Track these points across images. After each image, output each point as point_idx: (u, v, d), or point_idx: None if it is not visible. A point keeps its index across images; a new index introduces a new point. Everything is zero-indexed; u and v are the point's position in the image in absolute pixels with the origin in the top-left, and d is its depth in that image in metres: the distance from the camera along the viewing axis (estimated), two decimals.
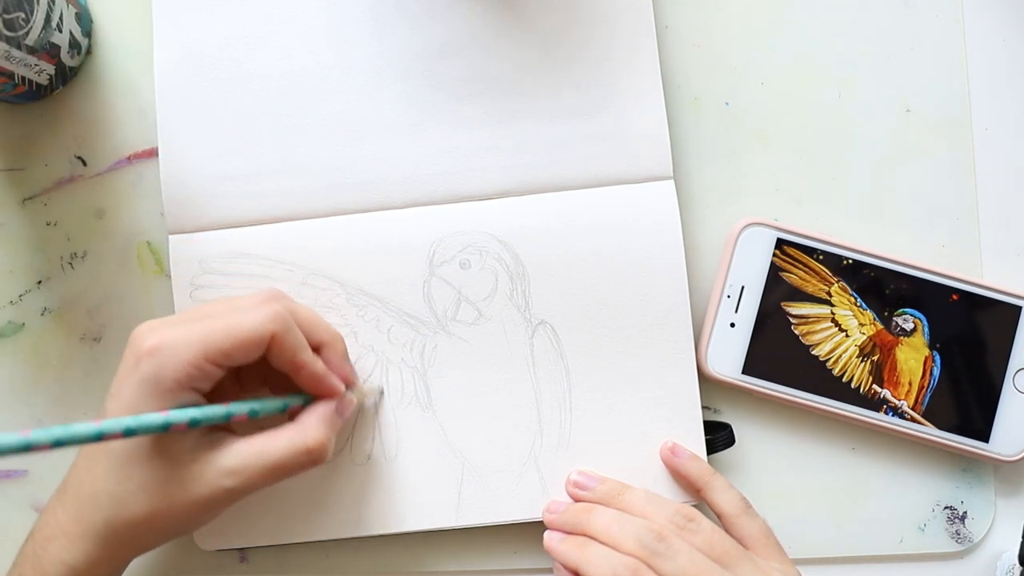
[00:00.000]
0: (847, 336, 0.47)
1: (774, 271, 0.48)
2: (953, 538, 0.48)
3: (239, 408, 0.40)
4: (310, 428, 0.41)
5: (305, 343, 0.41)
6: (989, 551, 0.48)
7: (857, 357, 0.47)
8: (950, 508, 0.48)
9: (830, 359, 0.47)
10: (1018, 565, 0.46)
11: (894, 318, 0.48)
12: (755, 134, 0.50)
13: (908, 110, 0.50)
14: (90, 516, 0.39)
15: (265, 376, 0.43)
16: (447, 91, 0.48)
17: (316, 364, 0.42)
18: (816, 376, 0.47)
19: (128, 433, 0.36)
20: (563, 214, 0.48)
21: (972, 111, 0.50)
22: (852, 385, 0.47)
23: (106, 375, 0.49)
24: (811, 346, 0.47)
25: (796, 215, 0.49)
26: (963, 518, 0.48)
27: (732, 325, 0.48)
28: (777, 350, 0.47)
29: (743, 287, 0.48)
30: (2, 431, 0.33)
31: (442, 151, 0.48)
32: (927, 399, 0.47)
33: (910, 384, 0.47)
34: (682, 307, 0.47)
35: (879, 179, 0.49)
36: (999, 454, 0.47)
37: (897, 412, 0.47)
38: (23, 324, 0.49)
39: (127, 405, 0.38)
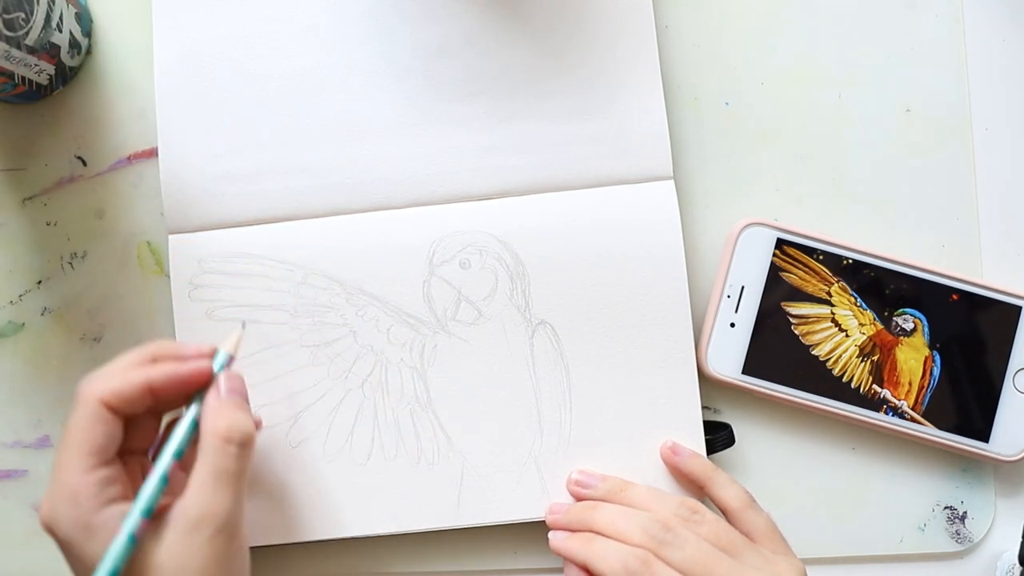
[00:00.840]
0: (847, 336, 0.47)
1: (774, 271, 0.48)
2: (953, 538, 0.48)
3: (164, 465, 0.38)
4: (210, 422, 0.39)
5: (139, 377, 0.39)
6: (989, 551, 0.48)
7: (857, 357, 0.47)
8: (950, 508, 0.48)
9: (830, 359, 0.47)
10: (1018, 565, 0.46)
11: (894, 318, 0.48)
12: (755, 134, 0.50)
13: (908, 110, 0.50)
14: None
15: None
16: (447, 91, 0.48)
17: (162, 367, 0.40)
18: (816, 376, 0.47)
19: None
20: (563, 214, 0.48)
21: (972, 111, 0.50)
22: (852, 385, 0.47)
23: None
24: (811, 346, 0.47)
25: (796, 215, 0.49)
26: (963, 518, 0.48)
27: (732, 325, 0.48)
28: (777, 350, 0.47)
29: (743, 287, 0.48)
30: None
31: (442, 151, 0.48)
32: (927, 399, 0.47)
33: (910, 384, 0.47)
34: (682, 307, 0.47)
35: (879, 179, 0.49)
36: (999, 454, 0.47)
37: (897, 412, 0.47)
38: (23, 324, 0.49)
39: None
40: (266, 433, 0.47)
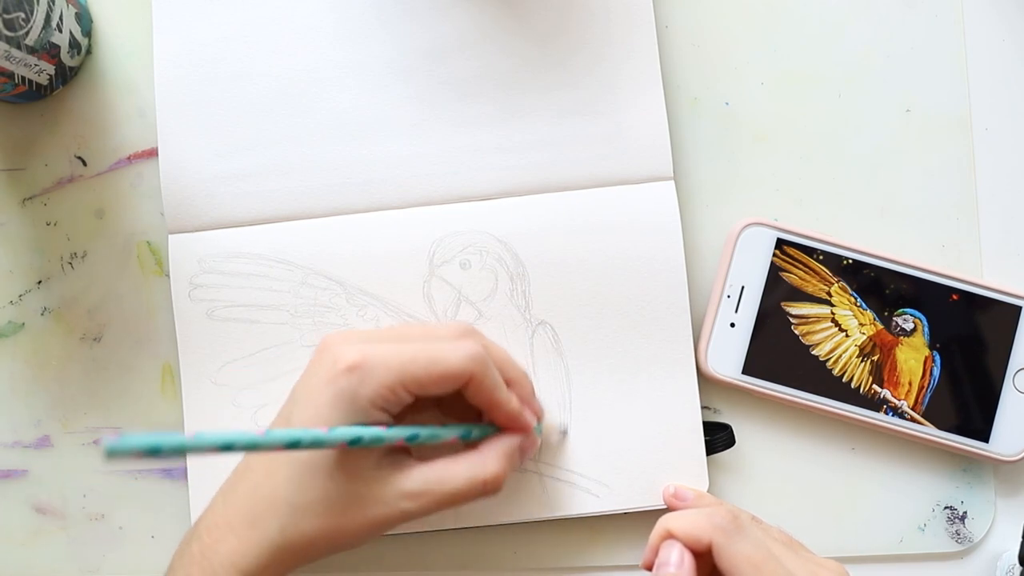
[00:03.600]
0: (847, 336, 0.47)
1: (774, 271, 0.48)
2: (953, 538, 0.48)
3: (424, 432, 0.40)
4: (490, 461, 0.41)
5: (501, 382, 0.41)
6: (989, 551, 0.48)
7: (857, 357, 0.47)
8: (950, 508, 0.48)
9: (830, 359, 0.47)
10: (1018, 565, 0.46)
11: (894, 318, 0.48)
12: (755, 134, 0.50)
13: (908, 110, 0.50)
14: (266, 523, 0.38)
15: (438, 399, 0.43)
16: (447, 91, 0.48)
17: (511, 402, 0.41)
18: (816, 376, 0.47)
19: (353, 443, 0.37)
20: (563, 214, 0.48)
21: (972, 111, 0.50)
22: (852, 385, 0.47)
23: (106, 375, 0.49)
24: (811, 346, 0.47)
25: (796, 215, 0.49)
26: (963, 518, 0.48)
27: (732, 325, 0.48)
28: (777, 350, 0.47)
29: (743, 287, 0.48)
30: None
31: (442, 151, 0.48)
32: (927, 399, 0.47)
33: (910, 384, 0.47)
34: (682, 307, 0.47)
35: (879, 179, 0.49)
36: (999, 454, 0.47)
37: (897, 412, 0.47)
38: (23, 324, 0.49)
39: (318, 416, 0.38)
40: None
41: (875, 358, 0.47)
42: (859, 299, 0.48)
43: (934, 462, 0.49)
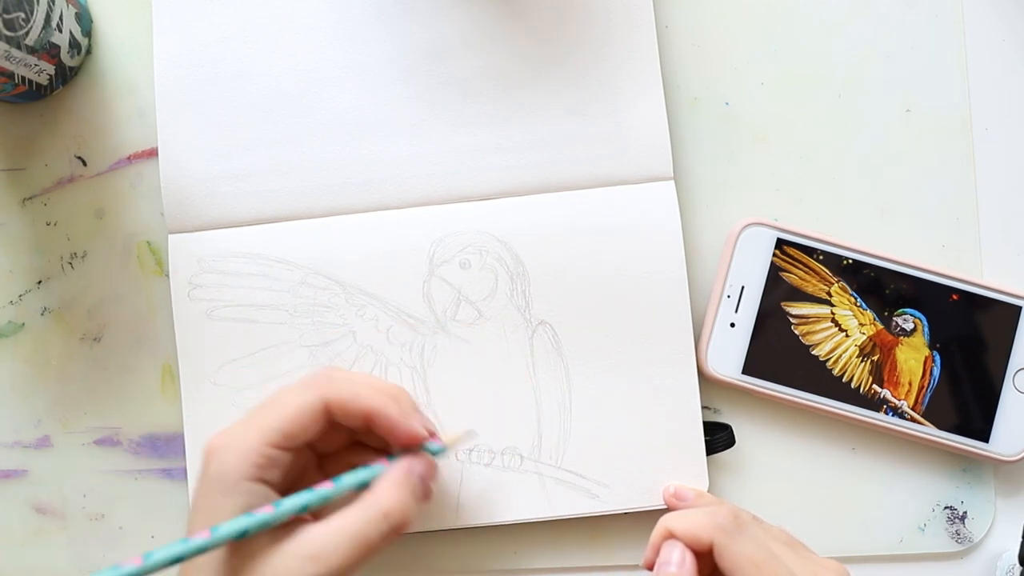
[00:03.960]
0: (847, 336, 0.47)
1: (774, 271, 0.48)
2: (953, 538, 0.48)
3: (314, 497, 0.38)
4: (383, 494, 0.39)
5: (363, 391, 0.40)
6: (989, 551, 0.48)
7: (857, 357, 0.47)
8: (950, 508, 0.48)
9: (830, 359, 0.47)
10: (1018, 565, 0.46)
11: (894, 318, 0.48)
12: (755, 134, 0.50)
13: (908, 110, 0.50)
14: None
15: (350, 462, 0.42)
16: (447, 91, 0.48)
17: (388, 407, 0.40)
18: (816, 376, 0.47)
19: (241, 536, 0.36)
20: (563, 214, 0.48)
21: (972, 111, 0.50)
22: (852, 385, 0.47)
23: (106, 375, 0.49)
24: (811, 346, 0.47)
25: (796, 215, 0.49)
26: (963, 518, 0.48)
27: (732, 325, 0.48)
28: (777, 350, 0.47)
29: (743, 287, 0.48)
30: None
31: (442, 151, 0.48)
32: (927, 399, 0.47)
33: (910, 384, 0.47)
34: (682, 307, 0.47)
35: (879, 179, 0.49)
36: (999, 454, 0.47)
37: (897, 412, 0.47)
38: (23, 324, 0.49)
39: (206, 514, 0.37)
40: None
41: (875, 358, 0.47)
42: (859, 299, 0.48)
43: (934, 462, 0.49)
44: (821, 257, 0.48)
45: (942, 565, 0.48)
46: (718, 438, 0.47)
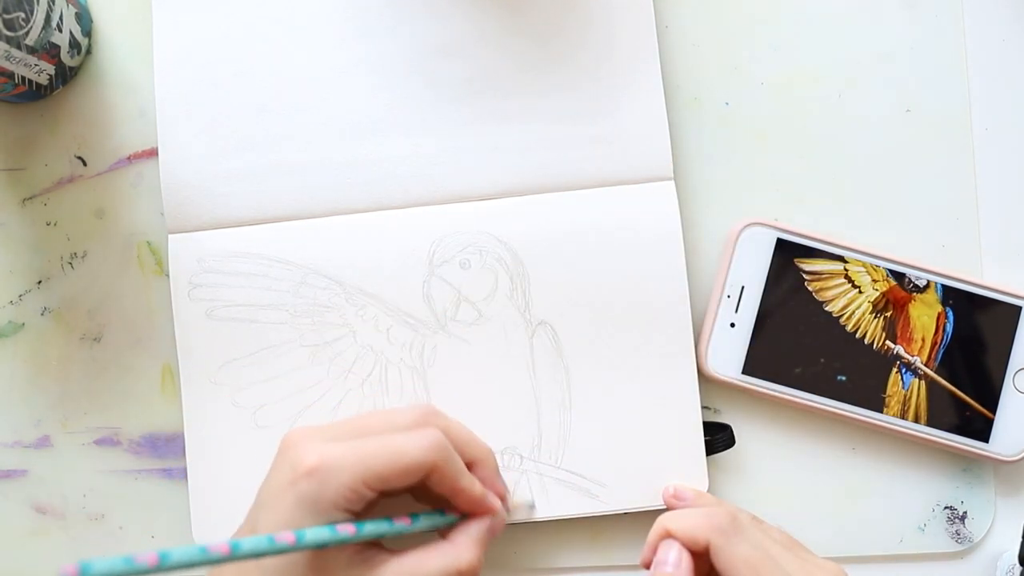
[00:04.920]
0: (860, 292, 0.47)
1: (775, 270, 0.48)
2: (953, 538, 0.48)
3: (391, 528, 0.39)
4: (463, 551, 0.40)
5: (464, 468, 0.40)
6: (989, 551, 0.48)
7: (870, 313, 0.47)
8: (950, 508, 0.48)
9: (843, 315, 0.47)
10: (1018, 565, 0.46)
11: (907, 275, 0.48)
12: (755, 134, 0.50)
13: (908, 110, 0.50)
14: None
15: (410, 487, 0.42)
16: (447, 91, 0.48)
17: (474, 487, 0.41)
18: (816, 376, 0.47)
19: (319, 547, 0.37)
20: (563, 214, 0.48)
21: (972, 111, 0.50)
22: (865, 341, 0.47)
23: (106, 375, 0.49)
24: (824, 302, 0.47)
25: (796, 215, 0.49)
26: (963, 518, 0.48)
27: (732, 325, 0.48)
28: (777, 350, 0.47)
29: (743, 287, 0.48)
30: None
31: (442, 151, 0.48)
32: (939, 355, 0.47)
33: (923, 340, 0.47)
34: (682, 307, 0.47)
35: (879, 179, 0.49)
36: (999, 454, 0.47)
37: (911, 368, 0.47)
38: (23, 324, 0.49)
39: (283, 520, 0.37)
40: (265, 433, 0.47)
41: (888, 314, 0.47)
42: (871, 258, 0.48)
43: (934, 462, 0.49)
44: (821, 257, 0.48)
45: (942, 565, 0.49)
46: (718, 438, 0.47)
